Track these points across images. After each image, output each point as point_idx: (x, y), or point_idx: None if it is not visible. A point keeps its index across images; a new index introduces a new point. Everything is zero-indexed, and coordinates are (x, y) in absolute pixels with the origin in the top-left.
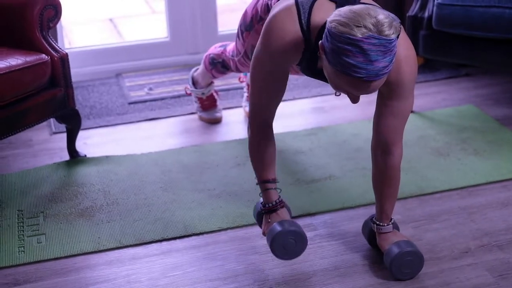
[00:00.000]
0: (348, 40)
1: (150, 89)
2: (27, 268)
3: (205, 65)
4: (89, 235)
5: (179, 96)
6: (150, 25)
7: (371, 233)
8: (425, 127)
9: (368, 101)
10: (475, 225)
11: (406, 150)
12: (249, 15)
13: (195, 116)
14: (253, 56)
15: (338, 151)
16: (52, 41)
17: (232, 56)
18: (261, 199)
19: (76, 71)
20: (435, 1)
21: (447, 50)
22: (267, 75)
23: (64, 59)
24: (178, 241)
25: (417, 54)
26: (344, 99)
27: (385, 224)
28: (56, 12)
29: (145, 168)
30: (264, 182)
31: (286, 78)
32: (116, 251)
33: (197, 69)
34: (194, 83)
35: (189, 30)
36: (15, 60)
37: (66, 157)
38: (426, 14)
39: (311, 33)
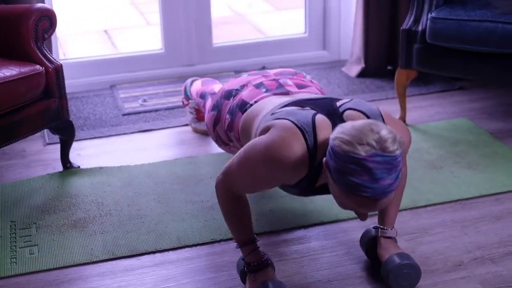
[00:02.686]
0: (352, 159)
1: (144, 100)
2: (19, 279)
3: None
4: (81, 246)
5: (173, 108)
6: (144, 37)
7: (370, 242)
8: (419, 140)
9: None
10: (468, 238)
11: None
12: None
13: (189, 128)
14: (248, 155)
15: None
16: (47, 52)
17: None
18: (242, 255)
19: (71, 82)
20: (429, 15)
21: (440, 64)
22: (259, 180)
23: (58, 70)
24: (171, 252)
25: (411, 67)
26: None
27: (390, 229)
28: (51, 23)
29: (139, 180)
30: (246, 244)
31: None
32: (109, 262)
33: (192, 82)
34: (189, 95)
35: (183, 42)
36: (9, 71)
37: (60, 168)
38: (420, 28)
39: (318, 153)
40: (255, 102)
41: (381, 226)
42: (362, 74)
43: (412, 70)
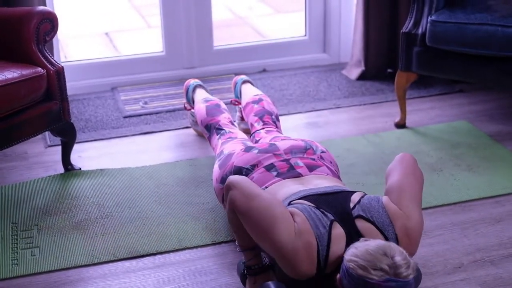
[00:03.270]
0: (366, 284)
1: (145, 103)
2: (21, 281)
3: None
4: (83, 248)
5: (174, 110)
6: (145, 39)
7: None
8: (419, 142)
9: (361, 117)
10: (468, 241)
11: None
12: None
13: (190, 130)
14: (268, 227)
15: None
16: (48, 54)
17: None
18: (243, 259)
19: (72, 85)
20: (429, 18)
21: (440, 66)
22: (259, 239)
23: (60, 73)
24: (172, 254)
25: (411, 70)
26: (339, 114)
27: None
28: (52, 26)
29: (140, 182)
30: (250, 249)
31: None
32: (110, 264)
33: (194, 89)
34: (190, 100)
35: (184, 45)
36: (11, 73)
37: (61, 170)
38: (420, 31)
39: (327, 267)
40: (266, 187)
41: None
42: (362, 77)
43: (412, 73)
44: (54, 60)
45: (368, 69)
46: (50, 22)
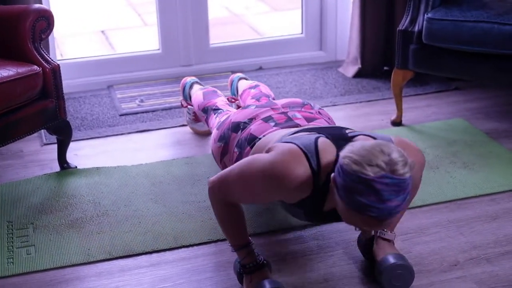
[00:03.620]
0: (361, 179)
1: (142, 101)
2: (16, 279)
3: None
4: (78, 246)
5: (170, 108)
6: (142, 37)
7: (368, 242)
8: (415, 140)
9: (358, 115)
10: (464, 238)
11: None
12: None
13: (186, 128)
14: (249, 168)
15: None
16: (44, 52)
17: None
18: (238, 258)
19: (68, 83)
20: (425, 16)
21: (437, 64)
22: (255, 194)
23: (55, 71)
24: (168, 253)
25: (407, 68)
26: (335, 111)
27: (389, 231)
28: (48, 23)
29: (136, 180)
30: (241, 248)
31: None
32: (106, 262)
33: (192, 85)
34: (187, 97)
35: (181, 43)
36: (6, 71)
37: (57, 168)
38: (416, 28)
39: (321, 175)
40: (264, 136)
41: None
42: (358, 75)
43: (409, 70)
44: (50, 58)
45: (364, 66)
46: (46, 20)
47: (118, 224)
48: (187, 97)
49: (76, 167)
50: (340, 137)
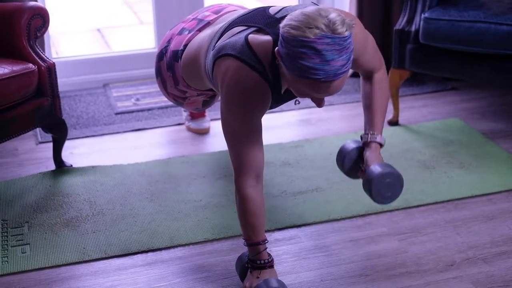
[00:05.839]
0: (302, 43)
1: (137, 99)
2: (11, 278)
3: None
4: (74, 245)
5: (166, 107)
6: (137, 35)
7: (353, 152)
8: (411, 140)
9: (354, 114)
10: (460, 238)
11: (392, 162)
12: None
13: (182, 127)
14: (224, 123)
15: (324, 164)
16: (39, 50)
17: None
18: (247, 252)
19: (63, 81)
20: (422, 16)
21: (433, 64)
22: (249, 121)
23: (51, 69)
24: (163, 252)
25: (404, 67)
26: (332, 111)
27: (378, 134)
28: (43, 21)
29: (132, 179)
30: (256, 245)
31: (261, 125)
32: (101, 261)
33: None
34: None
35: None
36: (1, 69)
37: (52, 167)
38: (413, 28)
39: (266, 68)
40: (185, 46)
41: (371, 132)
42: (355, 74)
43: (405, 70)
44: (46, 56)
45: None
46: (41, 18)
47: (114, 223)
48: None
49: (72, 165)
50: (268, 23)
